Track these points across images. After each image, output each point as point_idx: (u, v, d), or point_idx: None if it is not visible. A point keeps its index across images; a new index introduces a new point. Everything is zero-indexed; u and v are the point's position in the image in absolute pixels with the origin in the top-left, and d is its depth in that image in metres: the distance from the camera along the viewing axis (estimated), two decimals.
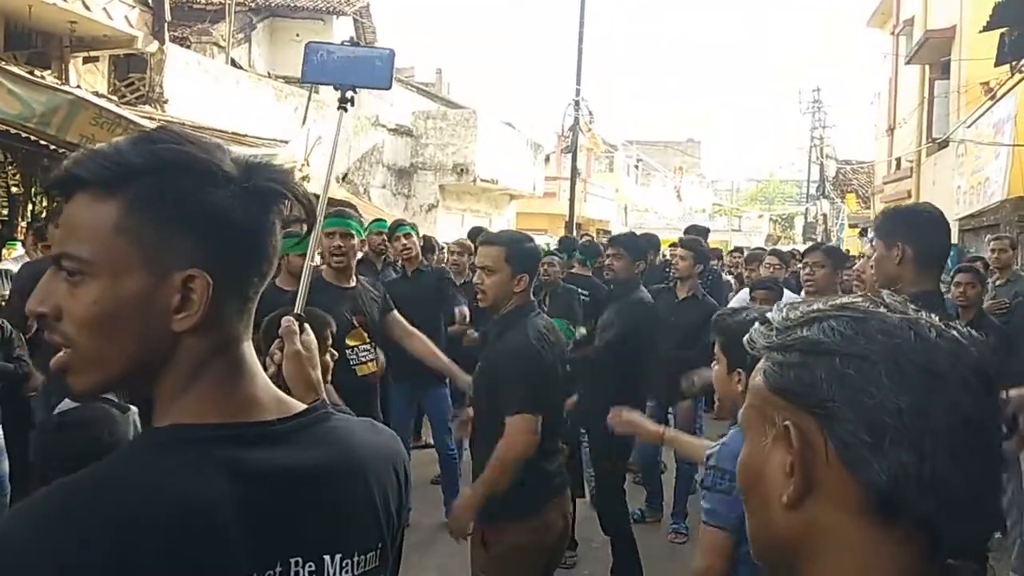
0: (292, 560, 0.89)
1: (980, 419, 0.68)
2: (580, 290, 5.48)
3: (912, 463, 0.66)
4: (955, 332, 0.71)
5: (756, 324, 0.80)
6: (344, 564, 0.93)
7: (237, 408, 0.90)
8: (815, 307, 0.76)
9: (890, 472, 0.67)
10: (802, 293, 4.71)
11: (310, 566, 0.90)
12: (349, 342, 3.44)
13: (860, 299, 0.76)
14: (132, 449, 0.96)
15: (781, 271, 6.15)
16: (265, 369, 1.35)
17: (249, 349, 0.93)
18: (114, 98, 9.63)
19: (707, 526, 2.05)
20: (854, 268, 3.83)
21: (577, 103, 18.51)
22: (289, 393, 1.30)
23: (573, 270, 6.13)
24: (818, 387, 0.70)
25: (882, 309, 0.73)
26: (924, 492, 0.67)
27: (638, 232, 7.05)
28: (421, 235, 7.63)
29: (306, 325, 1.35)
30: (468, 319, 5.40)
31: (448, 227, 16.86)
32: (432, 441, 5.59)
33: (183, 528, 0.80)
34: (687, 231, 7.19)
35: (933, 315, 0.74)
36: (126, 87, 11.21)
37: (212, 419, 0.88)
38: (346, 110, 1.96)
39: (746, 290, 5.54)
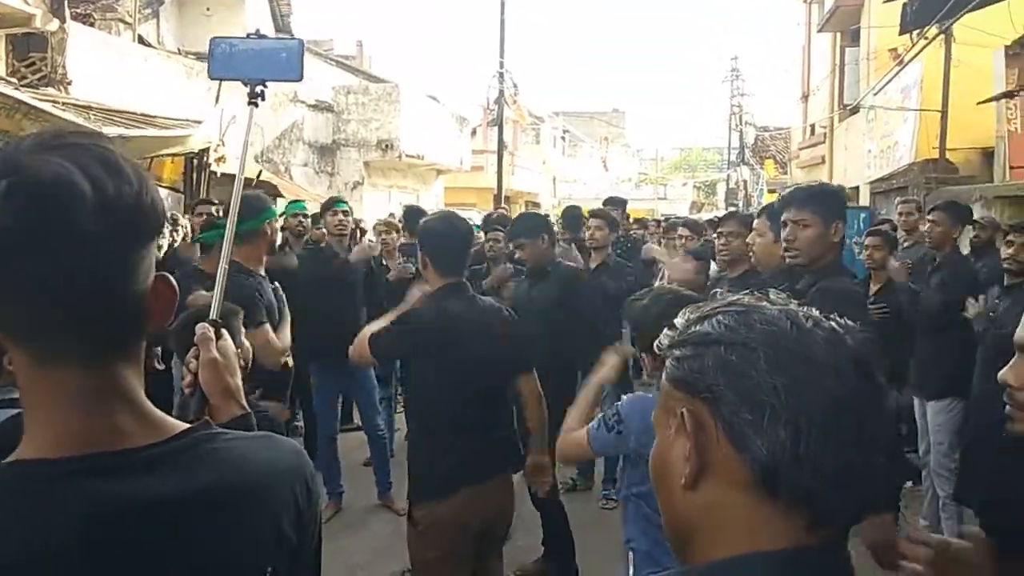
0: None
1: (853, 402, 0.74)
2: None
3: (788, 439, 0.73)
4: (833, 324, 0.78)
5: (665, 329, 0.86)
6: None
7: (92, 437, 0.82)
8: (709, 306, 0.82)
9: (769, 447, 0.73)
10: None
11: None
12: None
13: (746, 296, 0.83)
14: None
15: (693, 241, 6.35)
16: (182, 378, 1.33)
17: (105, 368, 0.84)
18: (14, 80, 9.14)
19: (585, 438, 2.32)
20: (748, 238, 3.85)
21: (501, 75, 18.46)
22: (208, 402, 1.29)
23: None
24: (706, 374, 0.77)
25: (764, 303, 0.80)
26: (800, 466, 0.73)
27: (567, 203, 7.22)
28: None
29: (223, 331, 1.31)
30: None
31: (375, 204, 16.64)
32: (358, 423, 5.58)
33: None
34: (606, 203, 7.36)
35: (814, 308, 0.80)
36: (27, 68, 10.64)
37: (63, 452, 0.80)
38: (256, 105, 1.92)
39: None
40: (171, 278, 0.90)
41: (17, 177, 0.75)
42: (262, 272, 3.50)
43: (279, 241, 4.67)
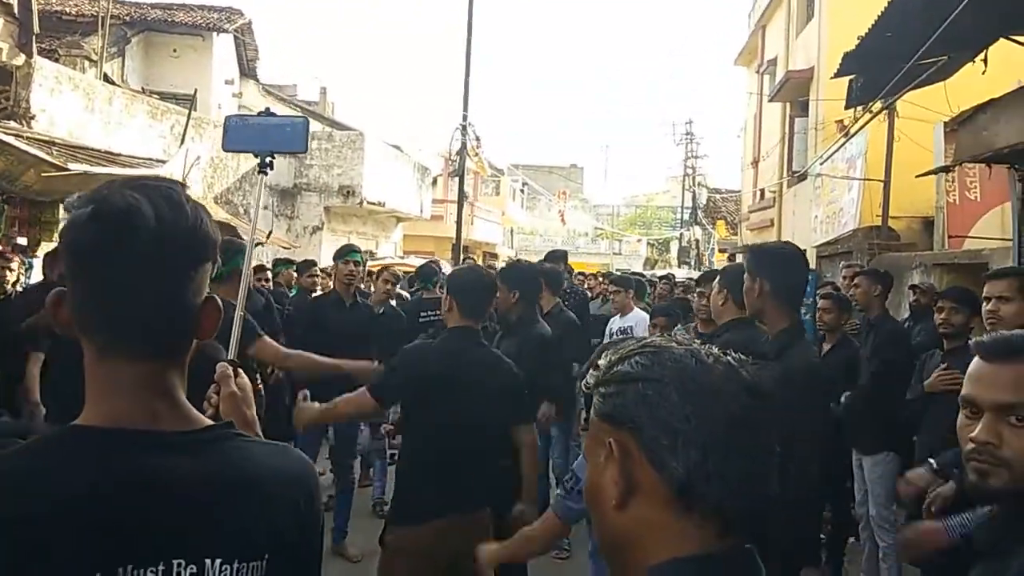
0: (175, 561, 0.97)
1: (749, 422, 0.90)
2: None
3: (699, 459, 0.88)
4: (730, 359, 0.94)
5: (591, 372, 1.00)
6: (224, 569, 1.00)
7: (134, 417, 1.00)
8: (628, 348, 0.97)
9: (684, 467, 0.88)
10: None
11: (192, 568, 0.98)
12: None
13: (659, 338, 0.99)
14: (41, 441, 1.04)
15: (620, 295, 6.57)
16: (203, 412, 1.44)
17: (154, 366, 1.02)
18: None
19: (550, 511, 2.50)
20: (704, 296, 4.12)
21: (464, 127, 18.75)
22: None
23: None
24: (628, 408, 0.91)
25: (673, 344, 0.96)
26: (709, 481, 0.88)
27: (524, 256, 7.27)
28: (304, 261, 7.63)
29: (239, 369, 1.43)
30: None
31: (332, 250, 16.62)
32: (319, 470, 5.54)
33: (65, 518, 0.91)
34: (547, 257, 7.40)
35: (713, 348, 0.96)
36: None
37: (110, 424, 0.99)
38: (266, 174, 2.15)
39: (644, 315, 6.14)
40: (219, 300, 1.08)
41: (99, 205, 0.98)
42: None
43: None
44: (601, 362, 0.98)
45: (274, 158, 2.14)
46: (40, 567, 0.90)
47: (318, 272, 7.52)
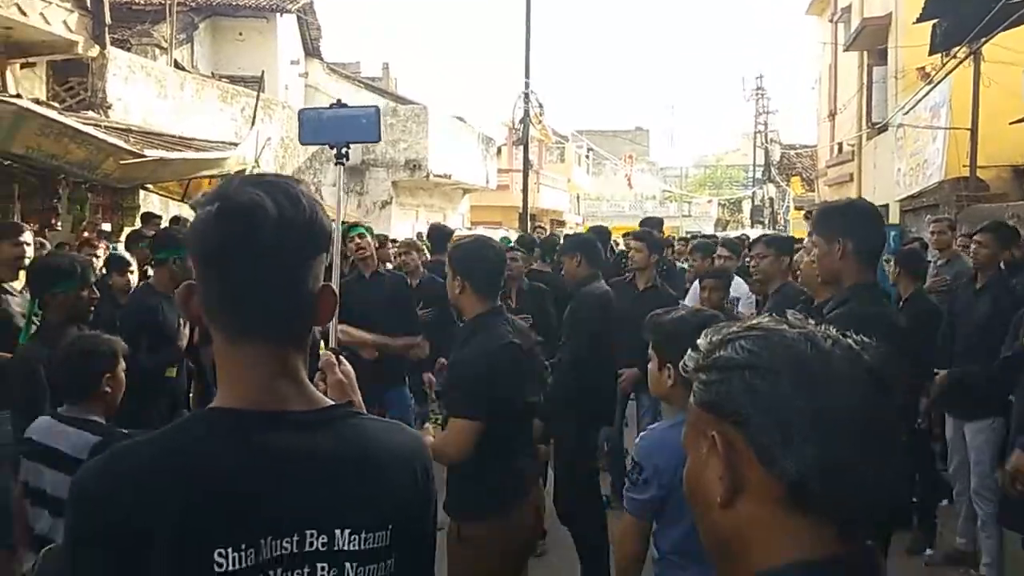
0: (308, 532, 1.03)
1: (873, 414, 0.81)
2: (544, 286, 5.55)
3: (816, 455, 0.79)
4: (850, 341, 0.84)
5: (689, 351, 0.92)
6: (352, 539, 1.06)
7: (262, 399, 1.07)
8: (731, 330, 0.88)
9: (798, 465, 0.79)
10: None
11: (323, 538, 1.04)
12: None
13: (767, 318, 0.89)
14: (185, 423, 1.13)
15: (733, 261, 6.21)
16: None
17: (278, 350, 1.08)
18: (56, 104, 9.41)
19: (625, 511, 2.33)
20: (795, 257, 4.00)
21: (527, 95, 18.59)
22: None
23: (534, 266, 6.19)
24: (734, 398, 0.82)
25: (784, 326, 0.86)
26: (826, 480, 0.79)
27: (591, 222, 7.18)
28: (376, 235, 7.71)
29: (342, 357, 1.49)
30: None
31: (403, 223, 16.82)
32: None
33: (207, 495, 0.98)
34: (643, 223, 7.29)
35: (830, 328, 0.86)
36: (66, 92, 10.94)
37: (243, 407, 1.06)
38: (343, 165, 2.23)
39: (741, 281, 5.69)
40: (333, 289, 1.15)
41: (224, 202, 1.04)
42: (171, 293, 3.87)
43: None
44: (701, 343, 0.89)
45: (349, 148, 2.19)
46: (188, 542, 0.96)
47: (389, 246, 7.61)
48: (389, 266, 6.87)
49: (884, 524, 2.34)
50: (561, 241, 6.39)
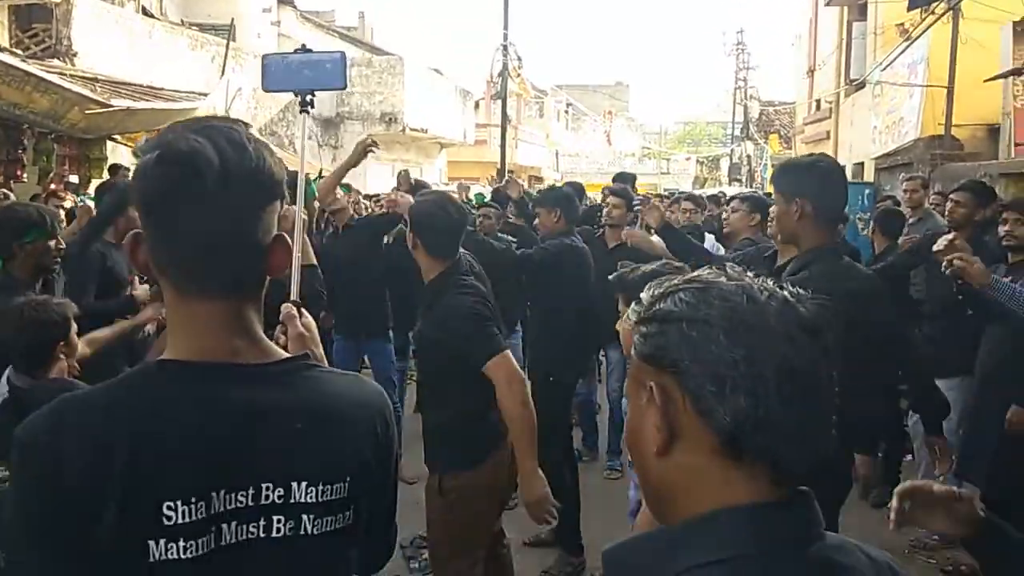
0: (264, 485, 1.02)
1: (804, 366, 0.81)
2: (512, 239, 5.54)
3: (749, 406, 0.80)
4: (786, 293, 0.84)
5: (632, 304, 0.93)
6: (309, 491, 1.05)
7: (215, 352, 1.04)
8: (672, 283, 0.89)
9: (732, 415, 0.80)
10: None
11: (279, 491, 1.03)
12: None
13: (707, 271, 0.89)
14: (133, 375, 1.09)
15: (697, 215, 6.36)
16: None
17: (229, 303, 1.06)
18: (19, 51, 9.12)
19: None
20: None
21: (505, 48, 18.33)
22: None
23: (509, 219, 6.16)
24: (671, 350, 0.84)
25: (722, 278, 0.87)
26: (760, 430, 0.80)
27: (570, 178, 7.15)
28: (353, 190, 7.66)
29: (302, 309, 1.45)
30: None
31: (379, 178, 16.64)
32: None
33: (156, 447, 0.97)
34: (615, 178, 7.25)
35: (768, 280, 0.87)
36: (30, 39, 10.60)
37: (193, 358, 1.04)
38: (308, 112, 2.17)
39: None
40: (287, 238, 1.10)
41: (164, 150, 1.00)
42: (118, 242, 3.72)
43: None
44: (643, 296, 0.90)
45: (314, 95, 2.14)
46: (134, 495, 0.94)
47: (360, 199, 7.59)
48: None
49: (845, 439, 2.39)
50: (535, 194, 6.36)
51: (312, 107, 2.16)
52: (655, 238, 4.24)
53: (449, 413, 2.83)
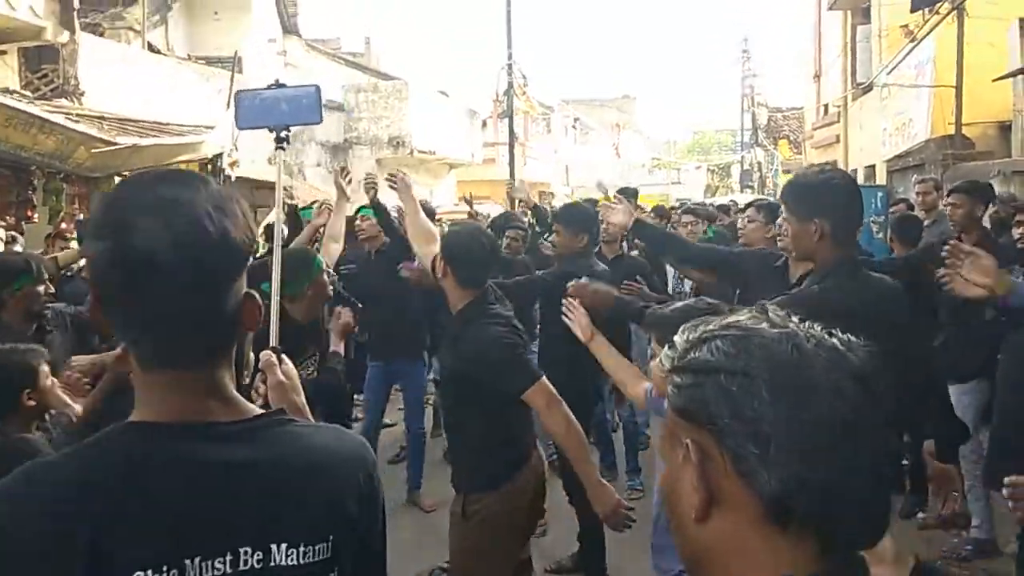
0: (242, 549, 0.97)
1: (856, 423, 0.73)
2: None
3: (796, 470, 0.72)
4: (835, 340, 0.76)
5: (665, 348, 0.85)
6: (290, 553, 1.00)
7: (184, 413, 1.00)
8: (708, 328, 0.81)
9: (778, 479, 0.72)
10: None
11: (258, 555, 0.98)
12: None
13: (745, 315, 0.81)
14: (102, 438, 1.04)
15: (699, 226, 6.17)
16: (252, 401, 1.42)
17: (196, 370, 1.02)
18: (28, 93, 9.21)
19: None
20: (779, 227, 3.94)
21: (510, 67, 18.39)
22: None
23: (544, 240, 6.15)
24: (708, 404, 0.76)
25: (764, 324, 0.78)
26: (810, 495, 0.72)
27: (580, 193, 7.08)
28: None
29: (283, 356, 1.42)
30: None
31: (389, 202, 16.66)
32: (389, 421, 5.64)
33: (124, 513, 0.93)
34: (619, 193, 7.21)
35: (815, 325, 0.79)
36: (39, 79, 10.70)
37: (161, 420, 0.99)
38: (284, 149, 2.11)
39: None
40: (256, 296, 1.07)
41: (115, 243, 0.96)
42: None
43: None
44: (677, 340, 0.83)
45: (290, 131, 2.10)
46: (104, 565, 0.90)
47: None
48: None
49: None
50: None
51: (288, 143, 2.12)
52: (600, 285, 3.74)
53: (473, 436, 2.85)
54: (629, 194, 7.13)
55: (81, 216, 8.42)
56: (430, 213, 7.02)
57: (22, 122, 5.98)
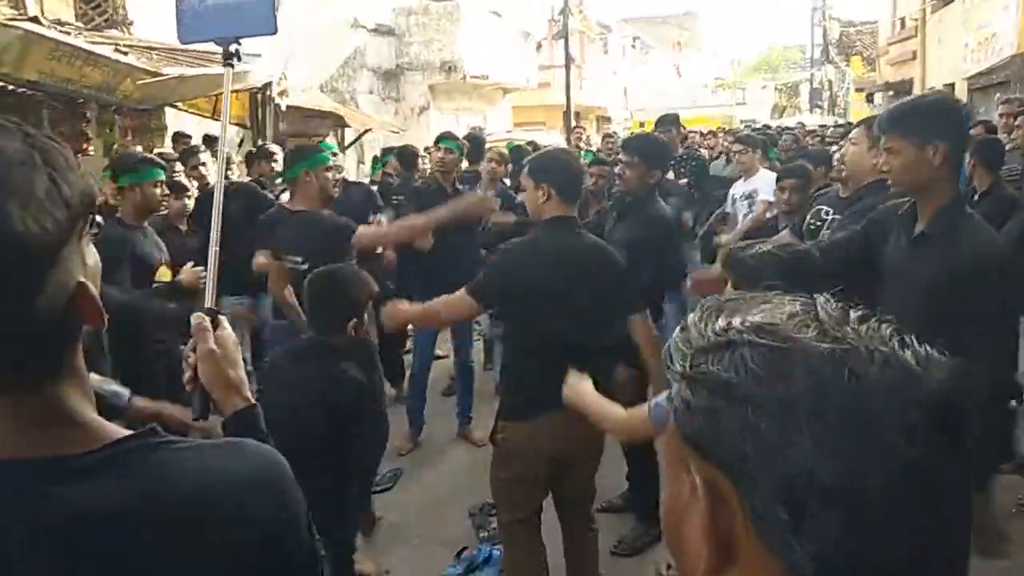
0: None
1: (925, 470, 0.53)
2: None
3: (840, 538, 0.53)
4: (908, 356, 0.55)
5: (677, 331, 0.64)
6: None
7: (18, 448, 0.80)
8: (734, 325, 0.59)
9: (815, 549, 0.53)
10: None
11: None
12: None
13: (787, 315, 0.59)
14: None
15: (750, 156, 5.75)
16: (183, 372, 1.25)
17: (25, 392, 0.80)
18: (79, 24, 9.19)
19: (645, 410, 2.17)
20: (835, 162, 3.57)
21: None
22: (210, 396, 1.19)
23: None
24: (725, 440, 0.56)
25: (812, 333, 0.57)
26: (855, 566, 0.53)
27: (639, 116, 6.75)
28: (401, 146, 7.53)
29: (222, 319, 1.21)
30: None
31: (442, 129, 16.43)
32: (440, 352, 5.61)
33: None
34: (658, 122, 6.69)
35: (885, 330, 0.57)
36: (93, 9, 10.70)
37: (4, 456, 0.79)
38: (232, 66, 1.79)
39: (771, 176, 5.07)
40: (89, 286, 0.82)
41: None
42: (144, 224, 3.79)
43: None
44: (692, 328, 0.62)
45: (240, 44, 1.80)
46: None
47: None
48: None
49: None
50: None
51: (239, 59, 1.81)
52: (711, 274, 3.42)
53: (507, 361, 3.06)
54: (669, 121, 6.71)
55: (136, 148, 8.47)
56: (479, 143, 6.82)
57: (66, 55, 5.90)
